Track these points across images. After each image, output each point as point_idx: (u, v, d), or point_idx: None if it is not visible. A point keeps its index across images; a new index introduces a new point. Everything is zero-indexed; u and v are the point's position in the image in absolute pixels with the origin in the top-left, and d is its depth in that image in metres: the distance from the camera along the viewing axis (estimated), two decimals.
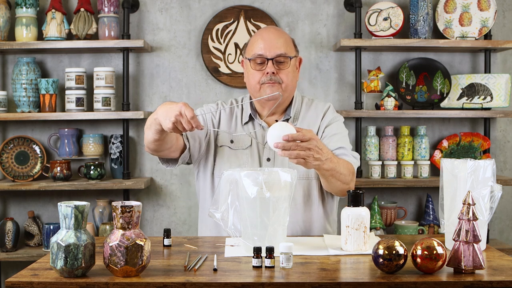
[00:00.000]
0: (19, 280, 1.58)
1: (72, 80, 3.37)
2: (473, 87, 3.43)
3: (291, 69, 2.27)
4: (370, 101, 3.55)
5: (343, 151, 2.23)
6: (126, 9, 3.40)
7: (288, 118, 2.31)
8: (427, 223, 3.44)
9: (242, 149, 2.28)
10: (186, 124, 1.93)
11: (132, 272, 1.59)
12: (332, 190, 2.19)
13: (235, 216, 1.87)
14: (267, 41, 2.25)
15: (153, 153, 2.21)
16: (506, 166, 3.63)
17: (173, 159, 2.29)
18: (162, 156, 2.27)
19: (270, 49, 2.23)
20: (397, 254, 1.60)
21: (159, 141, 2.10)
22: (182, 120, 1.93)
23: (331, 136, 2.28)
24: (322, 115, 2.34)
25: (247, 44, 2.33)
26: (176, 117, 1.92)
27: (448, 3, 3.46)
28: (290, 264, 1.69)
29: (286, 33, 2.33)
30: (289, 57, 2.26)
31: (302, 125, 2.31)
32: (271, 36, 2.26)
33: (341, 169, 2.08)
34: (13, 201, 3.56)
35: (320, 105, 2.37)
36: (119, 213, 1.60)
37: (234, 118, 2.35)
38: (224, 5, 3.53)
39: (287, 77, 2.25)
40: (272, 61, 2.23)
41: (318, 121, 2.33)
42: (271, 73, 2.22)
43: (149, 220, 3.58)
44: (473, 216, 1.65)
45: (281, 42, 2.25)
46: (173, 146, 2.20)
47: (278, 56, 2.24)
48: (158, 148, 2.15)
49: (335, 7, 3.54)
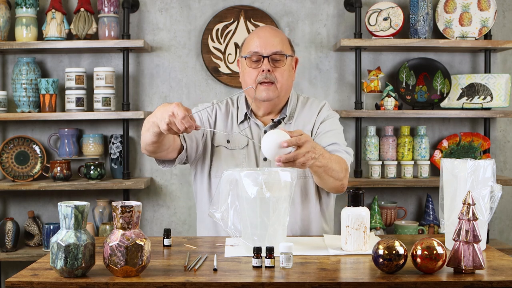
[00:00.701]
0: (19, 280, 1.58)
1: (72, 80, 3.37)
2: (473, 87, 3.43)
3: (287, 68, 2.26)
4: (370, 101, 3.55)
5: (336, 147, 2.22)
6: (126, 9, 3.40)
7: (283, 117, 2.31)
8: (427, 223, 3.45)
9: (239, 149, 2.28)
10: (179, 125, 1.91)
11: (132, 272, 1.60)
12: (325, 187, 2.18)
13: (235, 216, 1.87)
14: (263, 39, 2.24)
15: (150, 155, 2.20)
16: (506, 166, 3.63)
17: (170, 160, 2.29)
18: (159, 158, 2.26)
19: (266, 47, 2.23)
20: (397, 254, 1.60)
21: (157, 143, 2.09)
22: (176, 121, 1.91)
23: (325, 133, 2.27)
24: (317, 112, 2.33)
25: (243, 43, 2.33)
26: (169, 117, 1.91)
27: (448, 3, 3.46)
28: (290, 264, 1.69)
29: (282, 32, 2.34)
30: (285, 55, 2.25)
31: (297, 123, 2.30)
32: (267, 34, 2.26)
33: (333, 166, 2.07)
34: (13, 201, 3.56)
35: (315, 103, 2.37)
36: (119, 213, 1.60)
37: (230, 118, 2.34)
38: (224, 5, 3.53)
39: (282, 76, 2.24)
40: (268, 58, 2.22)
41: (313, 118, 2.32)
42: (266, 71, 2.21)
43: (149, 220, 3.58)
44: (473, 216, 1.65)
45: (277, 41, 2.25)
46: (170, 147, 2.19)
47: (274, 53, 2.23)
48: (156, 150, 2.14)
49: (335, 7, 3.54)
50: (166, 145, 2.15)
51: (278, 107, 2.32)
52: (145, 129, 2.09)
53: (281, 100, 2.30)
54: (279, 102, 2.30)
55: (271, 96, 2.23)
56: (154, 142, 2.08)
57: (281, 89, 2.25)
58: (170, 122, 1.91)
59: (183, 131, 1.93)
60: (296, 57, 2.35)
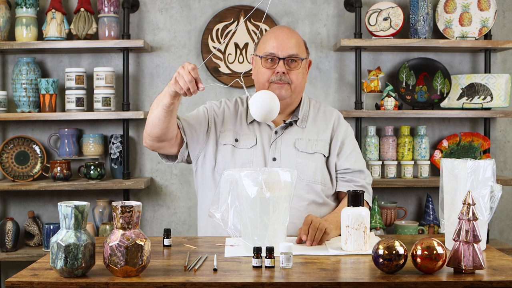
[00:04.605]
0: (19, 280, 1.59)
1: (72, 80, 3.37)
2: (473, 87, 3.43)
3: (301, 70, 2.28)
4: (370, 101, 3.55)
5: (362, 181, 2.29)
6: (126, 9, 3.40)
7: (296, 119, 2.31)
8: (427, 223, 3.44)
9: (247, 148, 2.28)
10: (186, 76, 1.97)
11: (132, 272, 1.60)
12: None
13: (235, 216, 1.87)
14: (280, 40, 2.25)
15: (152, 144, 2.21)
16: (506, 166, 3.63)
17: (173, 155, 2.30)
18: (160, 151, 2.28)
19: (282, 49, 2.24)
20: (397, 254, 1.60)
21: (165, 122, 2.10)
22: (184, 72, 1.98)
23: (350, 154, 2.32)
24: (332, 123, 2.35)
25: (259, 41, 2.34)
26: (179, 70, 1.99)
27: (448, 3, 3.46)
28: (290, 264, 1.69)
29: (298, 34, 2.34)
30: (301, 58, 2.26)
31: (311, 129, 2.32)
32: (284, 36, 2.27)
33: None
34: (13, 201, 3.56)
35: (328, 110, 2.39)
36: (119, 213, 1.60)
37: (239, 117, 2.34)
38: (224, 5, 3.53)
39: (296, 78, 2.26)
40: (283, 60, 2.23)
41: (329, 128, 2.34)
42: (281, 73, 2.23)
43: (149, 220, 3.58)
44: (473, 216, 1.65)
45: (293, 43, 2.26)
46: (172, 139, 2.21)
47: (289, 56, 2.24)
48: (161, 133, 2.15)
49: (335, 7, 3.54)
50: (171, 130, 2.16)
51: (290, 108, 2.33)
52: (153, 106, 2.14)
53: (293, 101, 2.31)
54: (291, 103, 2.31)
55: (284, 95, 2.24)
56: (162, 119, 2.10)
57: (295, 90, 2.27)
58: (179, 74, 1.98)
59: (190, 84, 1.97)
60: (310, 59, 2.37)
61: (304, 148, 2.26)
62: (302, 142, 2.27)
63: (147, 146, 2.24)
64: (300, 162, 2.23)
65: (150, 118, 2.16)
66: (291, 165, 2.20)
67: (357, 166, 2.31)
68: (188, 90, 2.00)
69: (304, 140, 2.28)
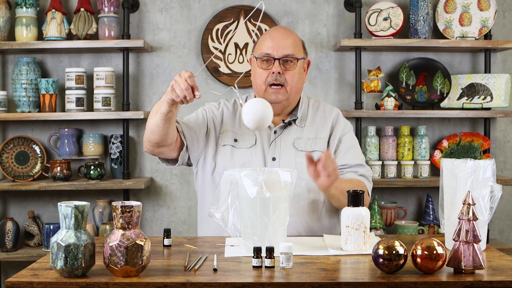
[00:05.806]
0: (19, 280, 1.59)
1: (72, 80, 3.37)
2: (473, 87, 3.43)
3: (298, 70, 2.27)
4: (370, 101, 3.55)
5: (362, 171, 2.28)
6: (126, 9, 3.40)
7: (295, 119, 2.31)
8: (427, 223, 3.44)
9: (246, 148, 2.28)
10: (183, 83, 1.97)
11: (132, 272, 1.60)
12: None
13: (235, 216, 1.87)
14: (275, 40, 2.25)
15: (152, 149, 2.21)
16: (506, 166, 3.63)
17: (173, 159, 2.29)
18: (161, 156, 2.27)
19: (278, 49, 2.23)
20: (397, 254, 1.60)
21: (164, 128, 2.10)
22: (181, 80, 1.98)
23: (347, 150, 2.30)
24: (331, 120, 2.34)
25: (257, 42, 2.33)
26: (175, 78, 1.99)
27: (448, 3, 3.46)
28: (290, 264, 1.69)
29: (296, 34, 2.33)
30: (296, 58, 2.25)
31: (310, 127, 2.31)
32: (280, 36, 2.26)
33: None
34: (13, 201, 3.56)
35: (327, 108, 2.38)
36: (119, 213, 1.60)
37: (238, 117, 2.34)
38: (224, 5, 3.53)
39: (292, 79, 2.25)
40: (278, 61, 2.23)
41: (328, 125, 2.33)
42: (276, 73, 2.22)
43: (149, 220, 3.58)
44: (473, 216, 1.65)
45: (289, 43, 2.25)
46: (172, 144, 2.20)
47: (285, 56, 2.23)
48: (160, 140, 2.15)
49: (335, 7, 3.54)
50: (170, 136, 2.15)
51: (288, 109, 2.33)
52: (152, 113, 2.13)
53: (290, 102, 2.30)
54: (288, 104, 2.31)
55: (280, 99, 2.25)
56: (161, 126, 2.09)
57: (291, 91, 2.26)
58: (176, 82, 1.98)
59: (186, 92, 1.97)
60: (308, 59, 2.36)
61: (303, 147, 2.26)
62: (301, 141, 2.27)
63: (147, 151, 2.24)
64: (299, 162, 2.23)
65: (149, 125, 2.15)
66: (290, 165, 2.20)
67: (355, 161, 2.29)
68: (185, 97, 2.00)
69: (303, 139, 2.28)
